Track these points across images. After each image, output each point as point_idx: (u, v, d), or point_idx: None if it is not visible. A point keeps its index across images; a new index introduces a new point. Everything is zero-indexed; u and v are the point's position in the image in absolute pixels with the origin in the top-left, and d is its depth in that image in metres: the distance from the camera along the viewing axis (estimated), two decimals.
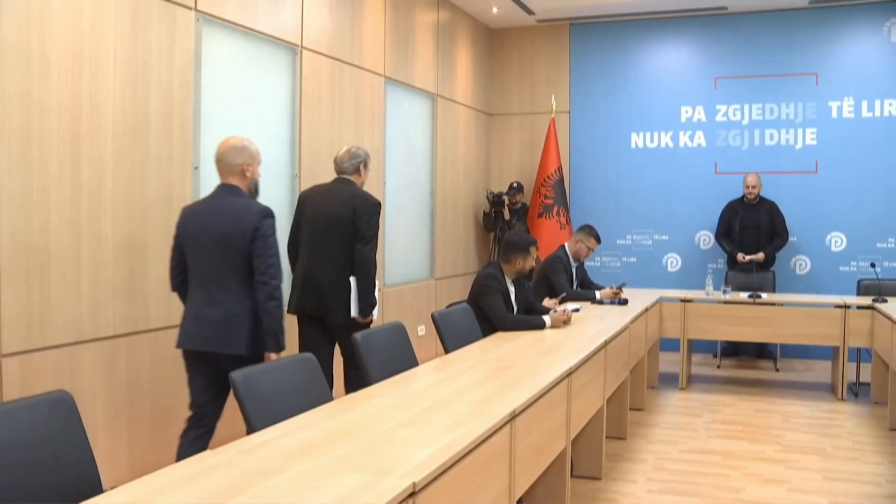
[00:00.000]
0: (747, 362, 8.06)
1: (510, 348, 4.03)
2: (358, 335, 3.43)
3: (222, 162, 3.57)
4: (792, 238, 8.04)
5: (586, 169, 8.89)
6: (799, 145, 8.26)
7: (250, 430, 2.52)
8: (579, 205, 8.83)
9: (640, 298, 6.40)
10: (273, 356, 3.43)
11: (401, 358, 3.63)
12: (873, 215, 7.99)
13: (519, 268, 4.86)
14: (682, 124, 8.61)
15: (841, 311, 6.38)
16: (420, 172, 7.36)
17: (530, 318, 4.74)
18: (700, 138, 8.55)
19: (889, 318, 5.56)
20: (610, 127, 8.84)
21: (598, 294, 6.17)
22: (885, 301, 6.31)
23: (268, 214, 3.48)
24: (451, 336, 4.13)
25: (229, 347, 3.41)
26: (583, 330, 4.70)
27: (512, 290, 4.88)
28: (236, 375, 2.61)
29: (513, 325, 4.61)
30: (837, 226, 8.14)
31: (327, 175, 5.75)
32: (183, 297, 3.64)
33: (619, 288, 6.28)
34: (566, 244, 6.43)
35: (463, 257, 8.15)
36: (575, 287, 6.34)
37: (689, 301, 6.84)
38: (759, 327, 6.65)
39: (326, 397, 2.90)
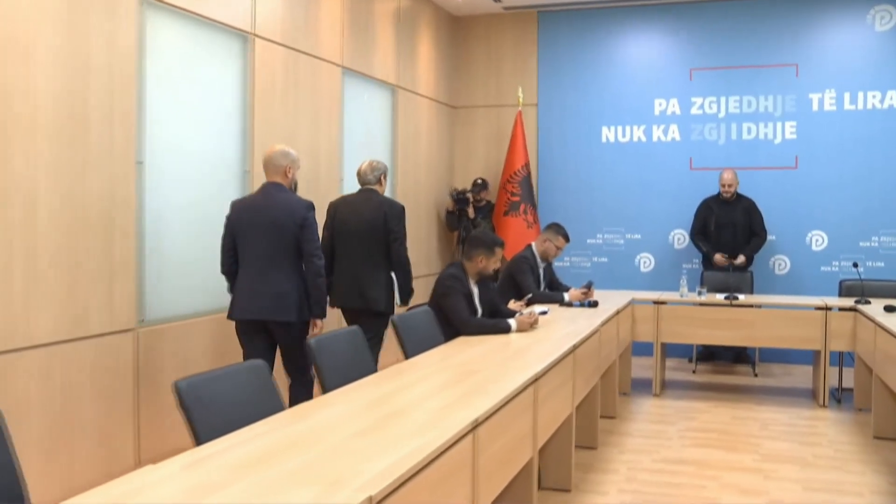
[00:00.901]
0: (724, 367, 8.19)
1: (473, 353, 4.07)
2: (312, 340, 3.47)
3: (271, 163, 4.56)
4: (771, 237, 8.19)
5: (555, 165, 8.98)
6: (778, 139, 8.41)
7: (197, 441, 2.52)
8: (547, 202, 8.91)
9: (611, 300, 6.48)
10: (319, 322, 4.53)
11: (358, 364, 3.65)
12: (856, 213, 8.16)
13: (481, 267, 4.90)
14: (656, 117, 8.73)
15: (822, 314, 6.51)
16: None
17: (495, 321, 4.78)
18: (674, 132, 8.68)
19: (872, 320, 5.69)
20: (580, 120, 8.93)
21: (566, 296, 6.22)
22: (869, 302, 6.44)
23: (311, 207, 4.52)
24: (411, 340, 4.16)
25: (281, 315, 4.41)
26: (550, 333, 4.74)
27: (475, 291, 4.92)
28: (180, 384, 2.60)
29: (476, 329, 4.65)
30: (818, 224, 8.30)
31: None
32: (231, 278, 4.55)
33: (587, 287, 6.36)
34: (533, 243, 6.50)
35: (425, 257, 8.17)
36: (542, 288, 6.40)
37: (663, 303, 6.94)
38: (736, 330, 6.77)
39: (278, 406, 2.91)
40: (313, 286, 4.47)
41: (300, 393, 4.53)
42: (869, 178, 8.12)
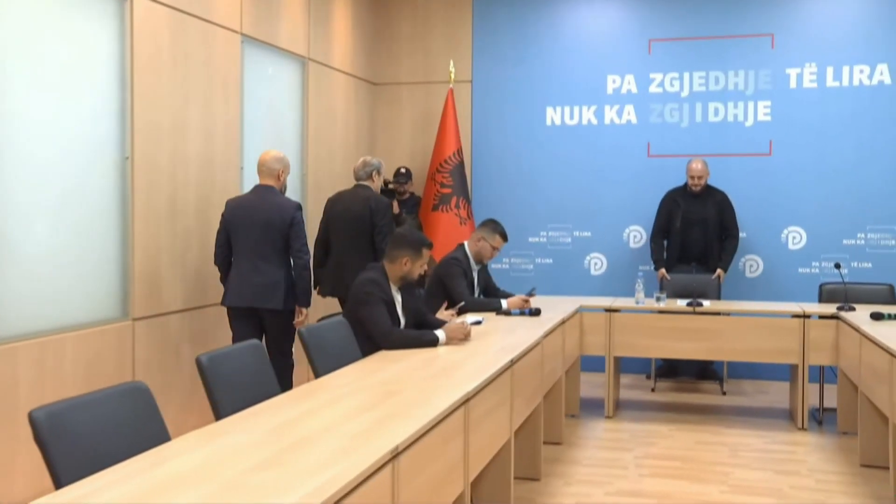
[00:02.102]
0: (687, 384, 8.35)
1: (395, 370, 4.08)
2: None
3: (265, 167, 5.79)
4: (741, 234, 8.37)
5: (492, 151, 9.06)
6: (750, 122, 8.61)
7: (57, 483, 2.48)
8: (483, 195, 8.99)
9: (556, 308, 6.54)
10: (304, 311, 5.74)
11: (257, 385, 3.64)
12: (839, 206, 8.39)
13: (406, 270, 4.93)
14: (609, 97, 8.87)
15: (800, 322, 6.67)
16: (288, 154, 7.27)
17: (420, 332, 4.81)
18: (630, 113, 8.83)
19: (857, 329, 5.83)
20: (521, 100, 9.03)
21: (504, 303, 6.28)
22: (853, 309, 6.60)
23: (299, 208, 5.73)
24: (322, 356, 4.16)
25: (270, 303, 5.62)
26: (485, 346, 4.78)
27: (398, 298, 4.94)
28: (37, 413, 2.53)
29: (399, 342, 4.67)
30: (796, 219, 8.52)
31: (169, 159, 5.70)
32: (224, 270, 5.77)
33: (530, 295, 6.42)
34: (466, 243, 6.56)
35: None
36: (477, 295, 6.46)
37: (616, 311, 7.05)
38: (700, 342, 6.90)
39: (163, 435, 2.89)
40: (300, 278, 5.73)
41: (282, 377, 5.21)
42: (854, 166, 8.36)
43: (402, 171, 8.62)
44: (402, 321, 4.92)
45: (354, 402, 3.40)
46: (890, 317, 6.06)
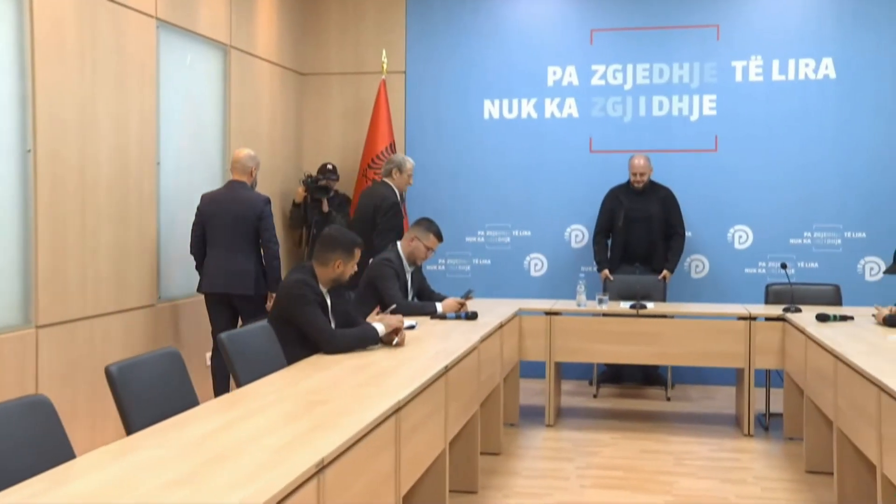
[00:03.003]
0: (631, 390, 8.42)
1: (323, 377, 4.05)
2: (113, 367, 3.38)
3: (239, 163, 6.70)
4: (687, 233, 8.44)
5: (426, 146, 9.05)
6: (695, 116, 8.71)
7: None
8: (417, 192, 8.90)
9: (493, 311, 6.55)
10: (273, 295, 6.26)
11: (173, 396, 3.58)
12: (786, 204, 8.53)
13: (338, 273, 4.89)
14: (549, 89, 8.91)
15: (746, 324, 6.75)
16: (209, 149, 7.27)
17: (361, 329, 4.83)
18: (571, 107, 8.87)
19: (802, 331, 5.92)
20: (457, 92, 9.03)
21: (439, 306, 6.27)
22: (799, 310, 6.68)
23: (268, 202, 6.62)
24: (245, 364, 4.12)
25: (241, 289, 6.48)
26: (418, 352, 4.77)
27: (328, 301, 4.91)
28: None
29: (345, 344, 4.68)
30: (742, 217, 8.64)
31: (77, 153, 5.58)
32: (199, 259, 6.60)
33: (466, 298, 6.42)
34: (399, 243, 6.52)
35: None
36: (410, 298, 6.44)
37: (557, 314, 7.07)
38: (645, 346, 6.95)
39: (66, 452, 2.82)
40: (269, 266, 6.57)
41: None
42: (800, 163, 8.50)
43: (329, 167, 8.55)
44: (333, 325, 4.87)
45: (278, 413, 3.36)
46: (835, 318, 6.15)
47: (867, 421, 4.29)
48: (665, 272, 8.13)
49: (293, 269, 4.98)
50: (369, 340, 4.78)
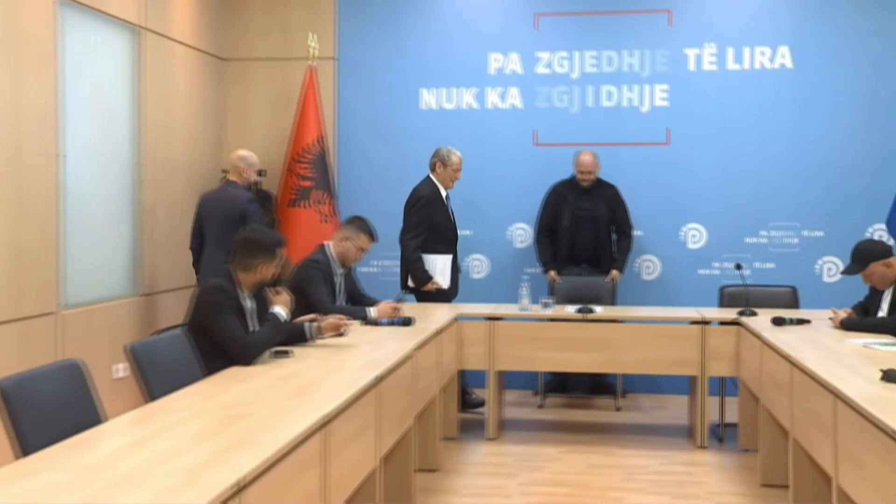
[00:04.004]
0: (579, 400, 8.45)
1: (244, 390, 4.03)
2: (5, 382, 3.32)
3: (231, 164, 7.61)
4: (637, 232, 8.52)
5: (359, 138, 9.02)
6: (646, 107, 8.78)
7: None
8: (349, 189, 8.93)
9: (430, 316, 6.55)
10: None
11: (72, 412, 3.52)
12: (741, 201, 8.62)
13: (261, 276, 4.87)
14: (491, 77, 8.92)
15: (699, 329, 6.82)
16: (118, 140, 7.16)
17: (269, 325, 4.82)
18: (514, 97, 8.89)
19: (758, 336, 5.99)
20: (392, 81, 9.01)
21: (372, 311, 6.25)
22: (755, 314, 6.75)
23: (251, 201, 7.33)
24: (157, 376, 4.08)
25: None
26: (348, 361, 4.76)
27: (249, 306, 4.88)
28: None
29: (261, 347, 4.67)
30: (695, 215, 8.72)
31: None
32: (195, 255, 7.42)
33: (400, 302, 6.42)
34: (328, 243, 6.49)
35: (185, 264, 7.97)
36: (340, 302, 6.41)
37: (499, 319, 7.08)
38: (593, 353, 6.98)
39: None
40: None
41: None
42: (756, 158, 8.60)
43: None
44: (256, 328, 4.85)
45: (192, 430, 3.32)
46: (792, 322, 6.23)
47: (823, 431, 4.35)
48: (614, 272, 8.17)
49: (210, 272, 4.94)
50: (279, 332, 4.83)
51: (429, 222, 7.67)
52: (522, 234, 8.87)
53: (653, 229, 8.72)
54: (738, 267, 7.28)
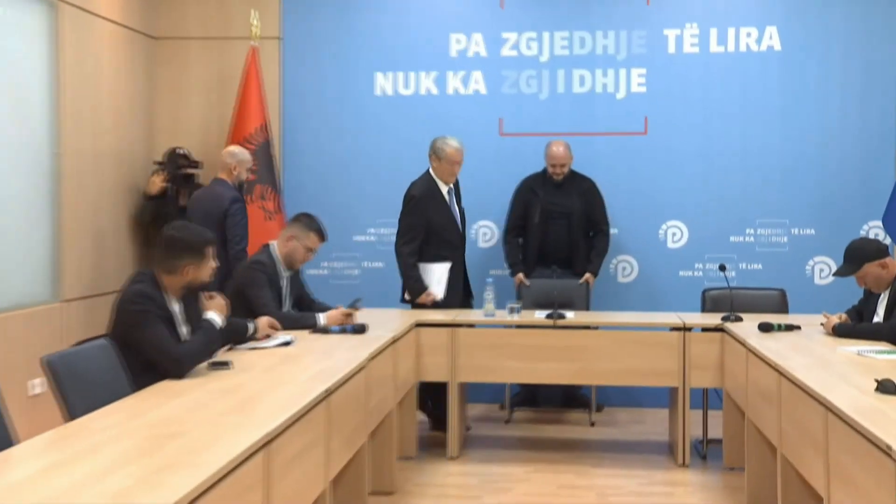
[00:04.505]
0: (549, 414, 8.46)
1: (177, 405, 3.99)
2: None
3: (220, 160, 7.90)
4: (613, 230, 8.55)
5: (306, 127, 9.01)
6: (621, 93, 8.82)
7: None
8: (296, 182, 8.92)
9: (386, 323, 6.54)
10: None
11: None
12: (725, 197, 8.69)
13: (190, 279, 4.82)
14: (452, 61, 8.93)
15: (679, 336, 6.84)
16: (33, 127, 7.11)
17: (202, 332, 4.79)
18: (478, 82, 8.91)
19: (743, 343, 6.01)
20: (344, 63, 9.00)
21: (321, 318, 6.25)
22: (740, 319, 6.80)
23: (236, 200, 7.57)
24: (79, 392, 4.04)
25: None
26: (294, 373, 4.74)
27: (177, 309, 4.84)
28: None
29: (195, 358, 4.64)
30: (675, 212, 8.78)
31: None
32: None
33: (353, 307, 6.40)
34: (273, 243, 6.48)
35: (112, 266, 7.94)
36: (286, 307, 6.41)
37: (461, 325, 7.09)
38: (564, 362, 6.98)
39: None
40: (233, 266, 6.99)
41: None
42: (742, 149, 8.67)
43: (180, 152, 8.40)
44: (186, 335, 4.82)
45: (118, 451, 3.27)
46: (780, 328, 6.28)
47: (814, 446, 4.37)
48: (588, 275, 8.19)
49: (133, 277, 4.88)
50: (214, 340, 4.79)
51: (424, 225, 7.66)
52: (487, 232, 8.88)
53: (630, 227, 8.75)
54: (722, 268, 7.29)
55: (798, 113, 8.57)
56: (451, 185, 7.80)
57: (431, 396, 7.59)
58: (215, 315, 4.88)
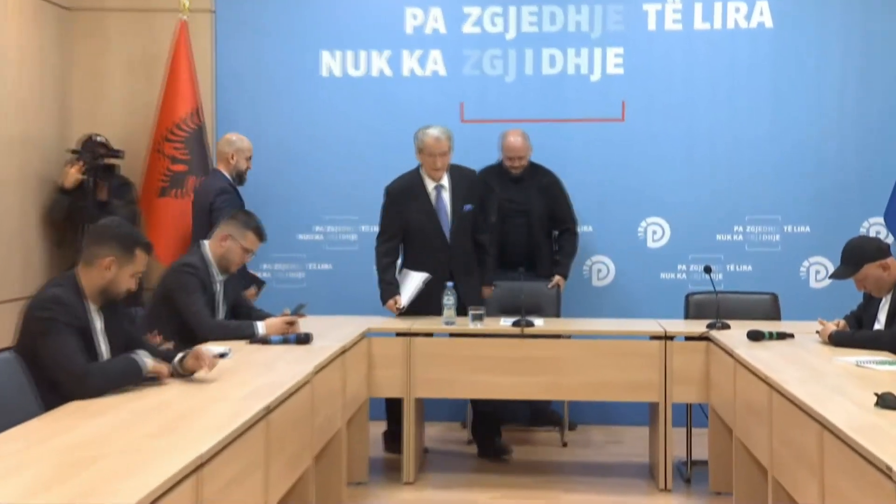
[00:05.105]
0: (517, 433, 8.44)
1: (95, 427, 3.94)
2: None
3: (217, 148, 8.21)
4: (585, 228, 8.59)
5: (243, 113, 8.97)
6: (596, 75, 8.85)
7: None
8: None
9: (333, 331, 6.54)
10: None
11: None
12: (711, 190, 8.73)
13: (109, 279, 4.73)
14: (408, 38, 8.94)
15: (660, 346, 6.86)
16: None
17: (122, 363, 4.67)
18: (437, 62, 8.92)
19: (731, 353, 6.03)
20: (286, 41, 8.99)
21: (260, 327, 6.23)
22: (727, 327, 6.83)
23: (221, 192, 7.71)
24: None
25: None
26: (230, 389, 4.71)
27: (98, 323, 4.79)
28: None
29: (103, 382, 4.53)
30: (656, 207, 8.82)
31: None
32: None
33: (297, 315, 6.40)
34: (205, 243, 6.46)
35: (18, 269, 7.87)
36: (221, 315, 6.40)
37: (418, 334, 7.08)
38: (533, 375, 6.98)
39: None
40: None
41: None
42: (731, 137, 8.70)
43: (98, 139, 8.33)
44: (105, 352, 4.78)
45: (26, 479, 3.22)
46: (772, 336, 6.32)
47: (808, 467, 4.38)
48: (557, 277, 8.20)
49: (51, 280, 4.84)
50: (131, 377, 4.62)
51: (401, 224, 7.67)
52: None
53: (605, 225, 8.78)
54: (708, 270, 7.32)
55: (792, 96, 8.62)
56: (444, 182, 7.66)
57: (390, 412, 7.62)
58: (148, 360, 4.69)
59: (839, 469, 3.95)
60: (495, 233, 8.21)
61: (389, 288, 7.51)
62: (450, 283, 7.21)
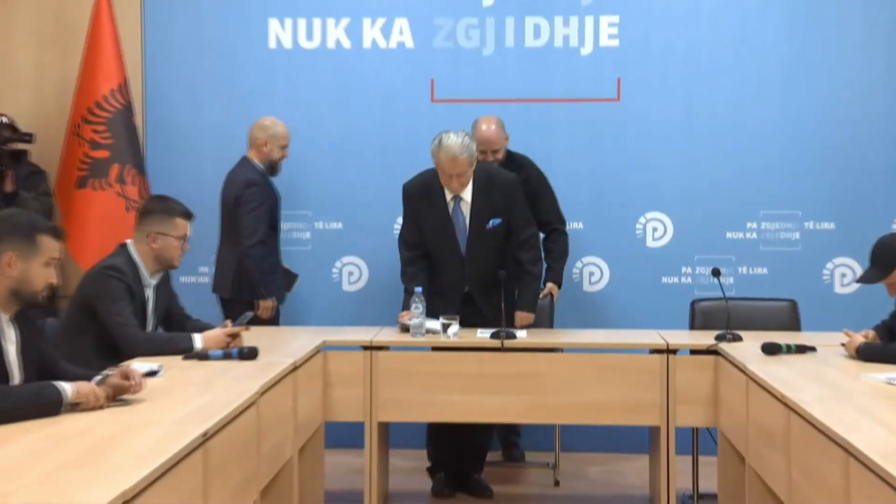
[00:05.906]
0: (496, 464, 8.41)
1: (2, 457, 3.88)
2: None
3: (250, 134, 8.23)
4: (575, 225, 8.62)
5: (178, 90, 9.02)
6: (587, 48, 8.89)
7: None
8: (164, 162, 8.94)
9: (283, 345, 6.57)
10: (262, 303, 7.88)
11: None
12: (720, 181, 8.77)
13: (15, 279, 4.66)
14: (369, 5, 8.96)
15: (662, 360, 6.86)
16: None
17: (37, 387, 4.59)
18: (403, 33, 8.94)
19: (743, 370, 6.02)
20: (228, 6, 9.02)
21: (198, 340, 6.20)
22: (739, 339, 6.84)
23: (249, 184, 7.91)
24: None
25: (220, 291, 8.17)
26: (161, 412, 4.68)
27: (13, 337, 4.75)
28: None
29: (11, 406, 4.46)
30: (656, 202, 8.87)
31: None
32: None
33: (242, 326, 6.39)
34: (130, 242, 6.40)
35: None
36: (152, 326, 6.38)
37: (382, 348, 7.07)
38: (515, 395, 6.96)
39: None
40: (240, 267, 7.92)
41: None
42: (741, 120, 8.74)
43: (4, 121, 8.28)
44: (16, 374, 4.74)
45: None
46: (790, 349, 6.33)
47: (831, 500, 4.38)
48: (550, 285, 8.10)
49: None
50: (48, 409, 4.48)
51: (418, 226, 7.57)
52: None
53: (598, 221, 8.82)
54: (716, 273, 7.30)
55: (811, 72, 8.66)
56: (465, 195, 7.46)
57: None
58: (71, 391, 4.53)
59: (867, 502, 3.95)
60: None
61: (407, 298, 7.29)
62: (418, 289, 7.15)
